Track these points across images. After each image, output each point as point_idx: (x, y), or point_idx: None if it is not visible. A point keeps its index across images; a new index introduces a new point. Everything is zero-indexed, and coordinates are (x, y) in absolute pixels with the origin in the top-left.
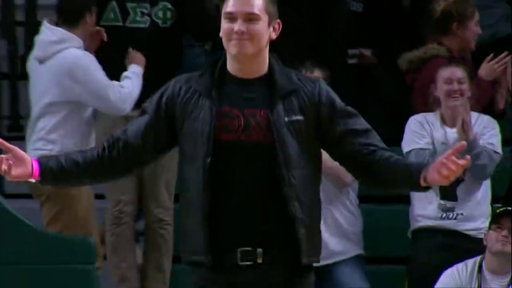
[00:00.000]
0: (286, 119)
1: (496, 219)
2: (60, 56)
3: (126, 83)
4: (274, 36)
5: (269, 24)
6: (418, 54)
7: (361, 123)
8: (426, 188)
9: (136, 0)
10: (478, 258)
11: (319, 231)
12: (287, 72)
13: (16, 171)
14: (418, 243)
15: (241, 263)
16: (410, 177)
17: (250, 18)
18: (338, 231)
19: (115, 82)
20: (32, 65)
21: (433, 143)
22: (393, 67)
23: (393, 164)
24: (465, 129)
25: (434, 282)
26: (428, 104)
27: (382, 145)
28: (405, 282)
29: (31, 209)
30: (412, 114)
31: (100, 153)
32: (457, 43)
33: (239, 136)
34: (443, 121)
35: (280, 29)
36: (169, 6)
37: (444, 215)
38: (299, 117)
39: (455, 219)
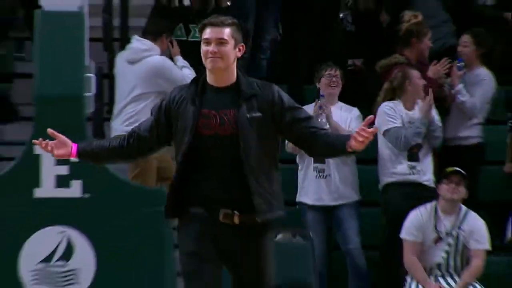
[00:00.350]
0: (248, 116)
1: (446, 176)
2: (147, 60)
3: (188, 71)
4: (239, 55)
5: (235, 47)
6: (385, 61)
7: (304, 113)
8: (352, 153)
9: (196, 22)
10: (433, 203)
11: (276, 196)
12: (250, 81)
13: (59, 151)
14: (391, 193)
15: (208, 216)
16: (341, 147)
17: (221, 42)
18: (346, 181)
19: (184, 73)
20: (120, 65)
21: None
22: (376, 71)
23: (329, 139)
24: (428, 111)
25: (403, 220)
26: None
27: (321, 126)
28: (381, 221)
29: (122, 169)
30: None
31: (121, 141)
32: (415, 53)
33: (216, 131)
34: (406, 107)
35: (244, 51)
36: None
37: (411, 171)
38: (258, 114)
39: (418, 174)
